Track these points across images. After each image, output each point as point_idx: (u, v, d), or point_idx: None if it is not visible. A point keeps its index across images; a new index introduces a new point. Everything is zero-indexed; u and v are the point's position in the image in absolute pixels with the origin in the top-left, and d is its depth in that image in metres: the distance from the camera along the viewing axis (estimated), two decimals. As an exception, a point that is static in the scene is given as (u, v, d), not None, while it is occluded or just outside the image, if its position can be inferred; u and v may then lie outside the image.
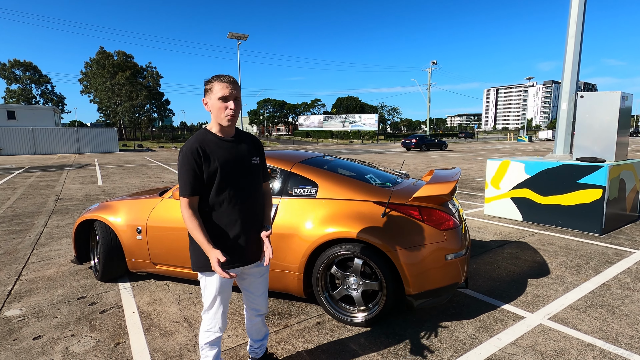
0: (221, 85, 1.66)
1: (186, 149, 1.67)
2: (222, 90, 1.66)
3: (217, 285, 1.77)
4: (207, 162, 1.68)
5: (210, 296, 1.79)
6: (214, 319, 1.82)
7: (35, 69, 61.56)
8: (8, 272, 3.82)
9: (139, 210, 3.38)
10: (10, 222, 6.14)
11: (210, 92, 1.68)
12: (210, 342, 1.85)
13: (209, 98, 1.70)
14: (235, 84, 1.70)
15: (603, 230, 4.91)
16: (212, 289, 1.78)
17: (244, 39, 36.48)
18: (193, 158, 1.66)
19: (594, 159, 5.15)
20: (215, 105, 1.68)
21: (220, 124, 1.73)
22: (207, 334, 1.84)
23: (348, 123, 69.07)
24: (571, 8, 6.05)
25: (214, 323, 1.83)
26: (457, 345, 2.41)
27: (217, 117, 1.71)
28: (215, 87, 1.67)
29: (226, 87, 1.66)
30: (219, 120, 1.71)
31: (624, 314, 2.80)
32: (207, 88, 1.70)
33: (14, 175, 13.60)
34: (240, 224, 1.76)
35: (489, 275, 3.59)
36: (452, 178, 2.87)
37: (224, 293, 1.81)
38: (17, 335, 2.60)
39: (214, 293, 1.78)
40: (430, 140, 30.85)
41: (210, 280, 1.77)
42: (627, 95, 5.31)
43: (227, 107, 1.68)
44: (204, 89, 1.72)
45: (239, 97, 1.72)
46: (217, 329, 1.83)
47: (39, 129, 30.78)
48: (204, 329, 1.85)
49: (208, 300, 1.80)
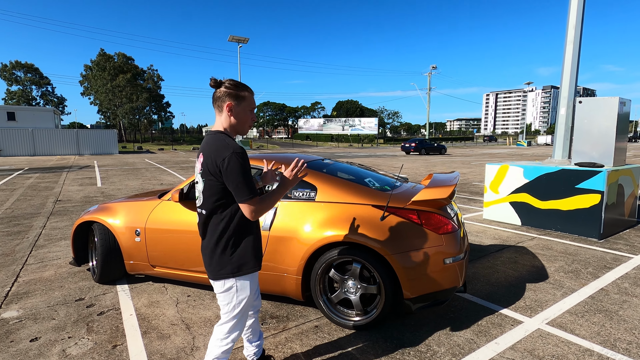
0: (253, 97, 1.76)
1: (239, 152, 1.59)
2: (253, 103, 1.76)
3: (251, 283, 1.75)
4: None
5: (242, 302, 1.73)
6: (239, 324, 1.77)
7: (36, 70, 61.71)
8: (6, 274, 3.81)
9: (138, 212, 3.38)
10: (8, 223, 6.13)
11: (244, 100, 1.71)
12: (226, 351, 1.79)
13: (240, 106, 1.70)
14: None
15: (601, 235, 4.92)
16: (246, 290, 1.73)
17: (244, 42, 36.63)
18: (247, 160, 1.62)
19: (593, 164, 5.16)
20: (244, 114, 1.73)
21: (237, 131, 1.75)
22: (224, 341, 1.77)
23: (348, 126, 69.19)
24: (570, 14, 6.10)
25: (238, 329, 1.78)
26: (455, 350, 2.40)
27: (239, 124, 1.74)
28: (249, 97, 1.73)
29: (254, 100, 1.77)
30: (240, 127, 1.75)
31: (622, 319, 2.80)
32: (241, 95, 1.70)
33: (13, 177, 13.59)
34: (257, 224, 1.82)
35: (488, 279, 3.59)
36: (451, 182, 2.88)
37: (252, 294, 1.78)
38: (14, 337, 2.59)
39: (248, 294, 1.74)
40: (430, 144, 30.93)
41: (244, 282, 1.73)
42: (625, 101, 5.34)
43: (253, 118, 1.77)
44: (234, 93, 1.68)
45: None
46: (237, 336, 1.79)
47: (38, 131, 30.79)
48: (220, 337, 1.77)
49: (239, 307, 1.73)
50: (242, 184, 1.59)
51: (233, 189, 1.61)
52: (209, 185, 1.66)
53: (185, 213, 3.09)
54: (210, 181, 1.65)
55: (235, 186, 1.60)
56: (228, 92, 1.68)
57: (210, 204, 1.69)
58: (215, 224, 1.70)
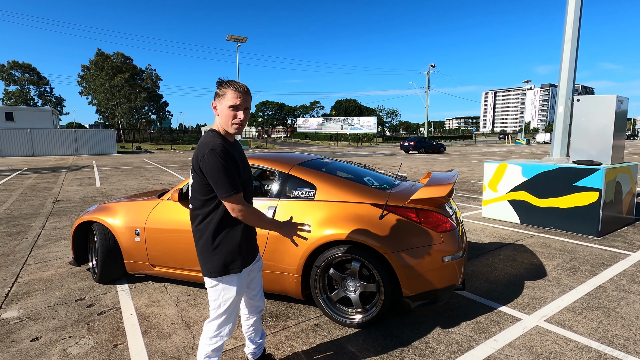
0: (234, 93, 1.64)
1: (218, 149, 1.60)
2: (234, 99, 1.64)
3: (237, 284, 1.76)
4: (235, 165, 1.68)
5: (228, 301, 1.75)
6: (227, 323, 1.79)
7: (34, 70, 61.52)
8: (6, 274, 3.82)
9: (138, 212, 3.38)
10: (7, 223, 6.13)
11: (223, 97, 1.65)
12: (216, 348, 1.81)
13: (220, 103, 1.67)
14: (248, 95, 1.68)
15: (599, 233, 4.94)
16: (232, 290, 1.75)
17: (243, 41, 36.59)
18: (228, 157, 1.63)
19: (591, 162, 5.18)
20: (225, 112, 1.66)
21: (224, 129, 1.72)
22: (214, 340, 1.79)
23: (347, 125, 69.21)
24: (567, 12, 6.11)
25: (226, 327, 1.79)
26: (454, 347, 2.42)
27: (225, 124, 1.68)
28: (228, 94, 1.64)
29: (239, 96, 1.64)
30: (226, 127, 1.69)
31: (620, 315, 2.82)
32: (220, 92, 1.66)
33: (12, 177, 13.56)
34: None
35: (486, 277, 3.61)
36: (449, 180, 2.89)
37: (242, 291, 1.81)
38: (15, 336, 2.60)
39: (233, 294, 1.75)
40: (429, 143, 30.96)
41: (229, 281, 1.74)
42: (623, 99, 5.36)
43: (236, 115, 1.66)
44: (216, 92, 1.69)
45: (249, 108, 1.70)
46: (227, 333, 1.81)
47: (37, 131, 30.72)
48: (210, 335, 1.79)
49: (225, 305, 1.75)
50: (221, 181, 1.60)
51: (213, 186, 1.64)
52: (195, 181, 1.71)
53: (185, 212, 3.10)
54: (196, 177, 1.69)
55: (215, 183, 1.62)
56: (215, 91, 1.71)
57: (197, 200, 1.73)
58: (201, 219, 1.73)
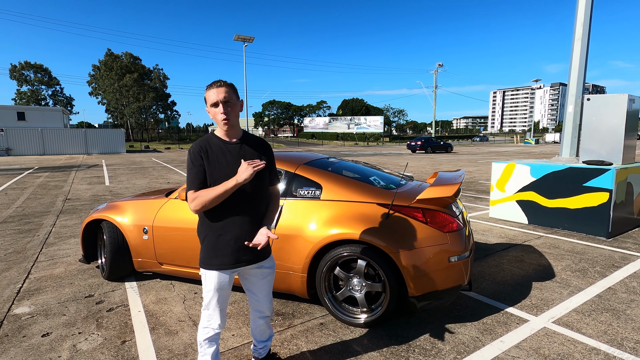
0: (210, 92, 1.73)
1: (192, 150, 1.77)
2: (211, 97, 1.72)
3: (215, 281, 1.81)
4: (211, 164, 1.76)
5: (209, 292, 1.83)
6: (213, 316, 1.86)
7: (45, 70, 62.48)
8: (17, 271, 3.89)
9: (146, 210, 3.42)
10: (19, 221, 6.24)
11: (206, 101, 1.77)
12: (208, 339, 1.88)
13: (206, 106, 1.79)
14: (225, 88, 1.72)
15: (610, 234, 4.87)
16: (210, 284, 1.82)
17: (250, 41, 36.69)
18: (200, 156, 1.75)
19: (601, 162, 5.11)
20: (211, 112, 1.77)
21: (221, 129, 1.81)
22: (205, 330, 1.88)
23: (353, 125, 69.08)
24: (577, 10, 6.02)
25: (213, 320, 1.86)
26: (460, 348, 2.41)
27: (217, 123, 1.79)
28: (207, 95, 1.74)
29: (215, 93, 1.71)
30: (219, 125, 1.79)
31: (630, 318, 2.78)
32: (205, 97, 1.78)
33: (24, 176, 13.80)
34: (242, 225, 1.78)
35: (493, 278, 3.58)
36: (456, 180, 2.87)
37: (222, 290, 1.84)
38: (26, 332, 2.66)
39: (212, 288, 1.82)
40: (436, 143, 30.74)
41: (209, 276, 1.81)
42: (635, 98, 5.27)
43: (218, 112, 1.73)
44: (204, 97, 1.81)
45: (231, 100, 1.73)
46: (217, 326, 1.86)
47: (48, 130, 31.23)
48: (202, 325, 1.88)
49: (207, 297, 1.84)
50: (188, 177, 1.77)
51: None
52: None
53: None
54: None
55: (187, 178, 1.78)
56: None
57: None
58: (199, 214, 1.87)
